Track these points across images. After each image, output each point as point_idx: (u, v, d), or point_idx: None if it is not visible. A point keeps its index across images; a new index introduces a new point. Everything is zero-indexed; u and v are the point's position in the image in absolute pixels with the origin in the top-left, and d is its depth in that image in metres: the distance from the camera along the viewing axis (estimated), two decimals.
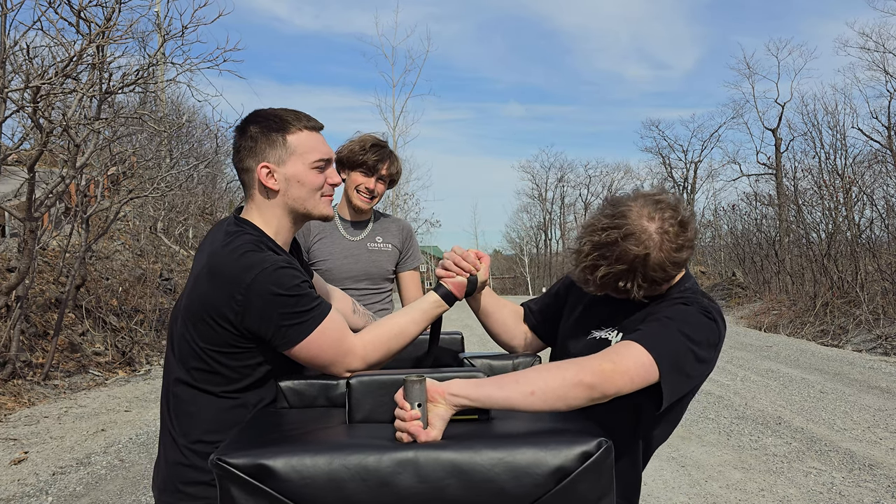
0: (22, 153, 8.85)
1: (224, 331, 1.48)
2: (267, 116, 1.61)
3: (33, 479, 4.64)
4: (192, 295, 1.54)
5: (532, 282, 50.65)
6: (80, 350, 8.50)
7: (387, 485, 1.18)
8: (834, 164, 18.11)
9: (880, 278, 12.57)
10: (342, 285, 2.80)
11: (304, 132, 1.60)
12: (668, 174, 43.22)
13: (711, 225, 30.98)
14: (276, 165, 1.58)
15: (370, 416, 1.39)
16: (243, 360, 1.52)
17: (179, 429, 1.55)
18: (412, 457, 1.19)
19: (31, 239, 6.96)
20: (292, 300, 1.47)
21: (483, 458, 1.20)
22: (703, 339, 1.48)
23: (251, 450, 1.20)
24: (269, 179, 1.58)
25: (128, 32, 6.99)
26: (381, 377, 1.41)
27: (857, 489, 4.25)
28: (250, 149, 1.59)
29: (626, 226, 1.45)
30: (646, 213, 1.46)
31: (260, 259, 1.48)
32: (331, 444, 1.23)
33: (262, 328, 1.47)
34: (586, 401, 1.32)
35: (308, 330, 1.49)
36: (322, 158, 1.61)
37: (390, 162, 2.76)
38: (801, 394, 7.18)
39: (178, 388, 1.56)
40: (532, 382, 1.30)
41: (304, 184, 1.60)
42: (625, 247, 1.44)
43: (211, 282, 1.50)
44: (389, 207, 32.89)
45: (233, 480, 1.18)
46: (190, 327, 1.53)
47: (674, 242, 1.45)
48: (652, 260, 1.44)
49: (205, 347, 1.51)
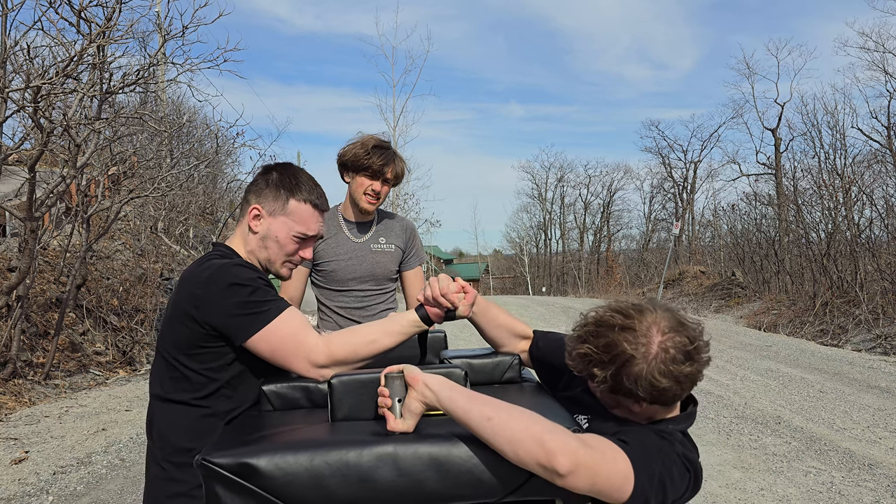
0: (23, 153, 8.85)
1: (188, 329, 1.54)
2: (290, 173, 1.75)
3: (34, 478, 4.65)
4: (167, 316, 1.63)
5: (532, 282, 50.63)
6: (81, 350, 8.51)
7: (367, 479, 1.21)
8: (833, 164, 18.16)
9: (880, 278, 12.57)
10: (346, 286, 2.82)
11: (307, 206, 1.73)
12: (667, 174, 43.25)
13: (711, 225, 30.99)
14: (267, 214, 1.71)
15: (351, 415, 1.42)
16: (207, 361, 1.57)
17: (157, 443, 1.61)
18: (391, 451, 1.23)
19: (32, 239, 6.97)
20: (247, 290, 1.54)
21: (460, 450, 1.23)
22: (675, 491, 1.31)
23: (235, 449, 1.23)
24: (255, 221, 1.72)
25: (128, 32, 7.00)
26: (362, 376, 1.44)
27: (857, 488, 4.26)
28: (259, 188, 1.73)
29: (633, 321, 1.34)
30: (661, 323, 1.34)
31: (222, 262, 1.58)
32: (312, 442, 1.26)
33: (221, 320, 1.52)
34: (534, 463, 1.16)
35: (266, 319, 1.54)
36: (305, 234, 1.73)
37: (395, 163, 2.76)
38: (801, 393, 7.18)
39: (154, 403, 1.63)
40: (497, 411, 1.21)
41: (279, 244, 1.72)
42: (617, 336, 1.33)
43: (178, 290, 1.60)
44: (389, 208, 32.88)
45: (218, 480, 1.21)
46: (163, 340, 1.60)
47: (666, 365, 1.30)
48: (634, 366, 1.30)
49: (172, 352, 1.57)
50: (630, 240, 47.81)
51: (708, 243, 29.96)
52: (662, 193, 44.54)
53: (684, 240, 35.81)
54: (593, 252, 47.40)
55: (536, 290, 48.47)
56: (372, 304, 2.86)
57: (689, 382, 1.34)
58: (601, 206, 49.08)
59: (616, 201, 49.01)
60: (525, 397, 1.60)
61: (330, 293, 2.84)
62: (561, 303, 22.33)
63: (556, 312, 17.00)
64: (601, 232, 48.52)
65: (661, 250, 37.53)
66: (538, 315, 16.46)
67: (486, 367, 1.75)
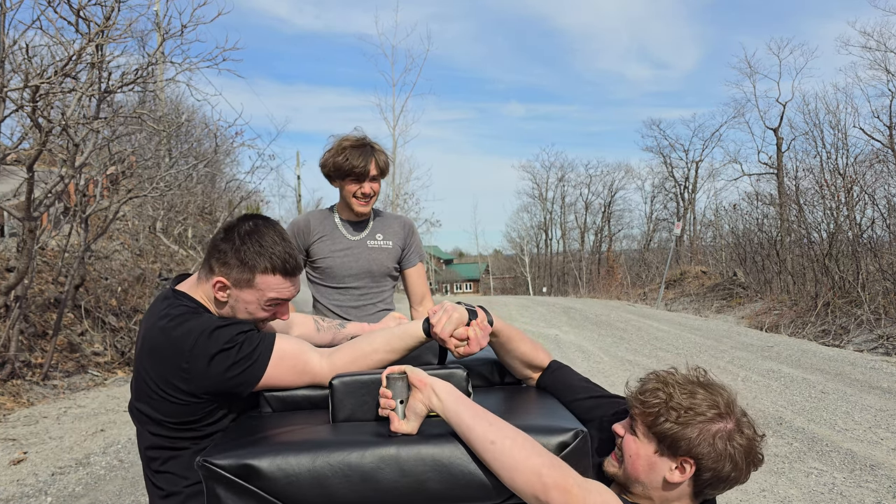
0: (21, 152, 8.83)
1: (181, 402, 1.50)
2: (255, 239, 1.58)
3: (32, 479, 4.63)
4: (140, 378, 1.55)
5: (532, 282, 50.62)
6: (80, 350, 8.49)
7: (369, 480, 1.20)
8: (835, 164, 18.13)
9: (882, 278, 12.54)
10: (343, 283, 2.79)
11: (276, 276, 1.58)
12: (669, 174, 43.24)
13: (713, 225, 30.97)
14: (233, 286, 1.58)
15: (353, 416, 1.41)
16: (204, 419, 1.54)
17: (162, 485, 1.59)
18: (394, 452, 1.22)
19: (30, 238, 6.95)
20: (233, 351, 1.49)
21: (463, 451, 1.23)
22: None
23: (236, 450, 1.22)
24: (220, 293, 1.59)
25: (127, 31, 6.97)
26: (363, 377, 1.43)
27: (859, 490, 4.23)
28: (223, 257, 1.58)
29: (703, 400, 1.39)
30: (734, 413, 1.40)
31: (197, 324, 1.50)
32: (314, 443, 1.25)
33: (216, 386, 1.50)
34: (530, 495, 1.18)
35: (262, 366, 1.51)
36: (278, 299, 1.61)
37: (375, 159, 2.70)
38: (803, 394, 7.16)
39: (152, 452, 1.60)
40: (500, 436, 1.21)
41: (251, 314, 1.62)
42: (670, 396, 1.38)
43: (152, 358, 1.51)
44: (389, 207, 32.87)
45: (219, 481, 1.20)
46: (150, 408, 1.54)
47: (735, 449, 1.34)
48: (672, 412, 1.35)
49: (168, 420, 1.53)
50: (631, 240, 47.79)
51: (709, 243, 29.96)
52: (664, 193, 44.54)
53: (686, 240, 35.78)
54: (594, 252, 47.35)
55: (537, 291, 48.47)
56: (368, 304, 2.83)
57: (732, 478, 1.35)
58: (602, 206, 49.09)
59: (617, 201, 49.06)
60: (529, 400, 1.58)
61: (327, 290, 2.82)
62: (562, 303, 22.30)
63: (556, 313, 16.96)
64: (602, 232, 48.50)
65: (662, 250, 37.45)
66: (539, 315, 16.43)
67: (486, 369, 1.73)
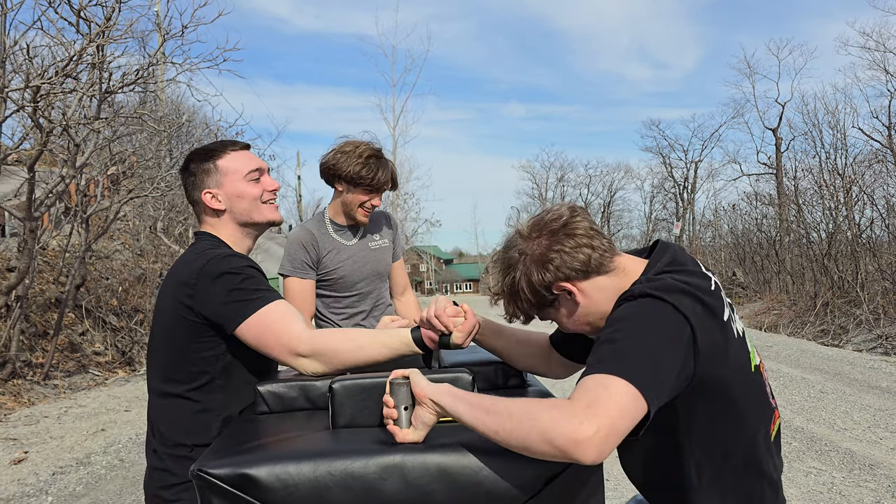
0: (22, 153, 8.84)
1: (181, 319, 1.58)
2: (199, 151, 1.80)
3: (33, 478, 4.64)
4: (158, 301, 1.68)
5: None
6: (80, 350, 8.50)
7: (372, 491, 1.15)
8: (834, 164, 18.10)
9: (881, 278, 12.55)
10: (355, 289, 2.79)
11: (231, 154, 1.77)
12: (668, 174, 43.26)
13: (712, 225, 30.96)
14: (217, 189, 1.75)
15: (353, 421, 1.36)
16: (199, 351, 1.59)
17: (154, 435, 1.65)
18: (398, 461, 1.17)
19: (31, 238, 6.96)
20: (238, 277, 1.57)
21: (470, 461, 1.18)
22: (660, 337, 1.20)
23: (232, 459, 1.17)
24: (214, 202, 1.75)
25: (128, 32, 6.99)
26: (364, 381, 1.37)
27: (858, 489, 4.25)
28: (192, 182, 1.77)
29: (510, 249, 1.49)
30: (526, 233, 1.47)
31: (215, 252, 1.62)
32: (314, 451, 1.20)
33: (214, 309, 1.55)
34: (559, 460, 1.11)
35: (256, 306, 1.56)
36: (253, 169, 1.77)
37: (390, 171, 2.67)
38: (802, 394, 7.17)
39: (151, 397, 1.67)
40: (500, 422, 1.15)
41: (244, 197, 1.76)
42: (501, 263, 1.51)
43: (170, 279, 1.64)
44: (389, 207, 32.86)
45: (214, 491, 1.14)
46: (156, 329, 1.66)
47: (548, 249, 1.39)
48: (515, 271, 1.44)
49: (165, 342, 1.62)
50: (631, 240, 47.74)
51: (708, 243, 29.89)
52: (663, 193, 44.57)
53: (685, 240, 35.80)
54: None
55: None
56: (379, 304, 2.86)
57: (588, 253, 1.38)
58: (602, 206, 49.10)
59: (616, 201, 49.12)
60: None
61: (336, 300, 2.79)
62: None
63: None
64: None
65: None
66: None
67: (489, 372, 1.70)
